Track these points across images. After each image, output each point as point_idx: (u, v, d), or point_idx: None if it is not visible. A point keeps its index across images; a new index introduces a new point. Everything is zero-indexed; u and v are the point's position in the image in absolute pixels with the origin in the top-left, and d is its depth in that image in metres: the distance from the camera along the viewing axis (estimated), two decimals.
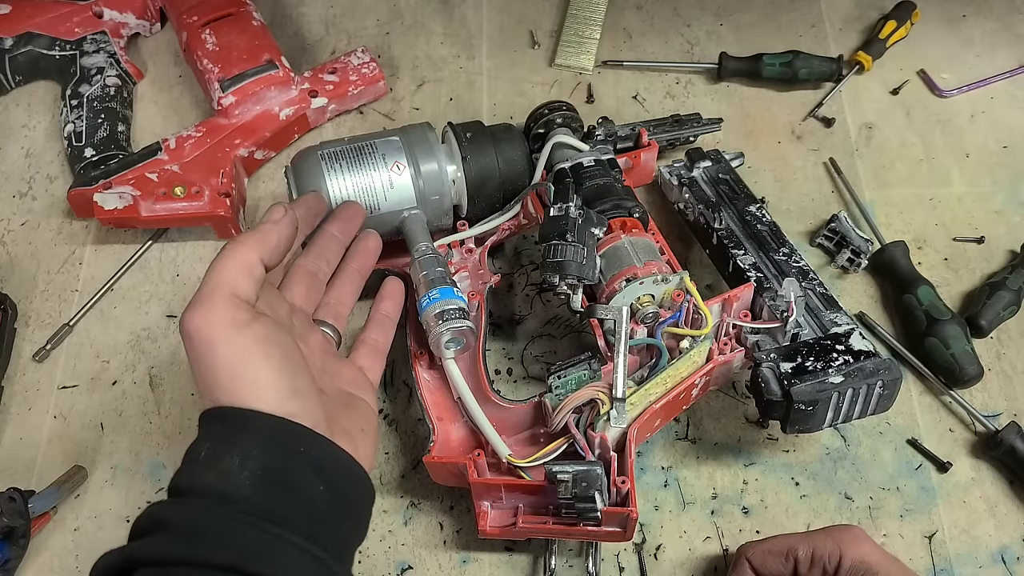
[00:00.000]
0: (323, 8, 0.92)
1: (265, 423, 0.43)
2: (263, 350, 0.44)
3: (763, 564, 0.58)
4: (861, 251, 0.73)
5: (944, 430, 0.69)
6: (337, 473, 0.45)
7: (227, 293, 0.45)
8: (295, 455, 0.43)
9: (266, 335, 0.45)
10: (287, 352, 0.46)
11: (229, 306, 0.45)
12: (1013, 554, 0.64)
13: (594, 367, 0.61)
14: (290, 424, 0.44)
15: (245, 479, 0.42)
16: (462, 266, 0.69)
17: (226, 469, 0.42)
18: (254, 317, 0.45)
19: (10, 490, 0.61)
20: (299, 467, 0.43)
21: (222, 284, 0.45)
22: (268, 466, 0.42)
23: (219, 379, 0.44)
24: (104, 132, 0.79)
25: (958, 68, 0.87)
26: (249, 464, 0.42)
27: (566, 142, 0.71)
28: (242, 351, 0.44)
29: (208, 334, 0.44)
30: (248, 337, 0.44)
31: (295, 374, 0.45)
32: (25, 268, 0.77)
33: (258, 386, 0.44)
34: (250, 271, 0.47)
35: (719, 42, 0.89)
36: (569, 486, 0.55)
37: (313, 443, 0.45)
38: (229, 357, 0.44)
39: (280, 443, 0.43)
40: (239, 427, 0.43)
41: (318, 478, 0.44)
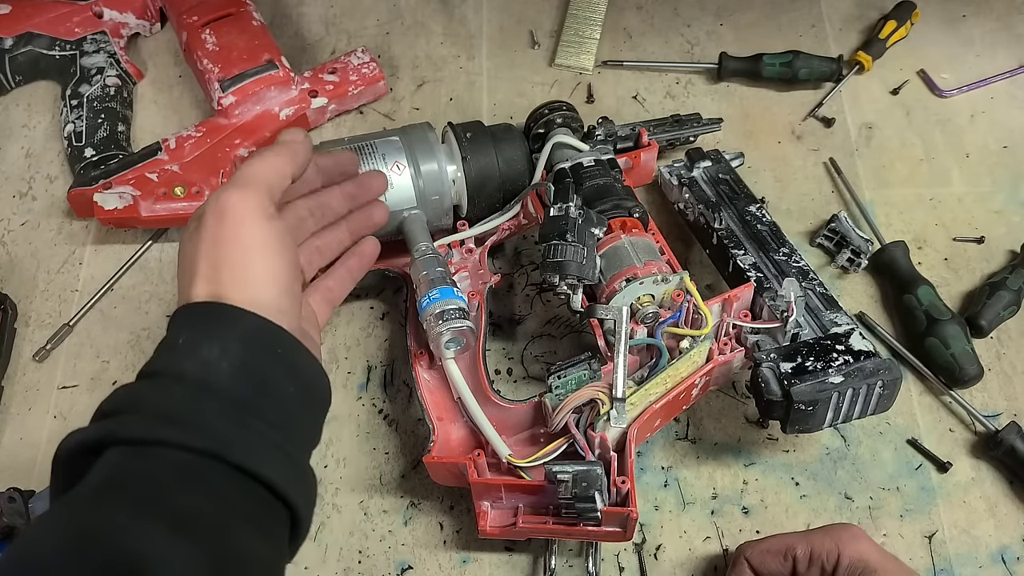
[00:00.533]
0: (323, 8, 0.92)
1: (247, 319, 0.45)
2: (280, 244, 0.47)
3: (762, 563, 0.58)
4: (861, 251, 0.73)
5: (944, 430, 0.69)
6: (307, 377, 0.47)
7: (263, 185, 0.48)
8: (272, 354, 0.45)
9: (283, 233, 0.48)
10: (294, 256, 0.49)
11: (264, 196, 0.48)
12: (1013, 554, 0.64)
13: (594, 367, 0.61)
14: (272, 325, 0.46)
15: (224, 369, 0.43)
16: (462, 266, 0.69)
17: (205, 358, 0.43)
18: (277, 215, 0.48)
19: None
20: (274, 366, 0.45)
21: (260, 177, 0.48)
22: (246, 361, 0.44)
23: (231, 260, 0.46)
24: (104, 132, 0.79)
25: (958, 68, 0.87)
26: (228, 356, 0.43)
27: (566, 142, 0.71)
28: (264, 237, 0.47)
29: (241, 213, 0.46)
30: (273, 228, 0.47)
31: (294, 277, 0.48)
32: (25, 268, 0.77)
33: (266, 274, 0.46)
34: (281, 177, 0.50)
35: (719, 42, 0.89)
36: (569, 486, 0.55)
37: (291, 346, 0.46)
38: (251, 239, 0.46)
39: (259, 341, 0.45)
40: (219, 320, 0.45)
41: (289, 379, 0.46)
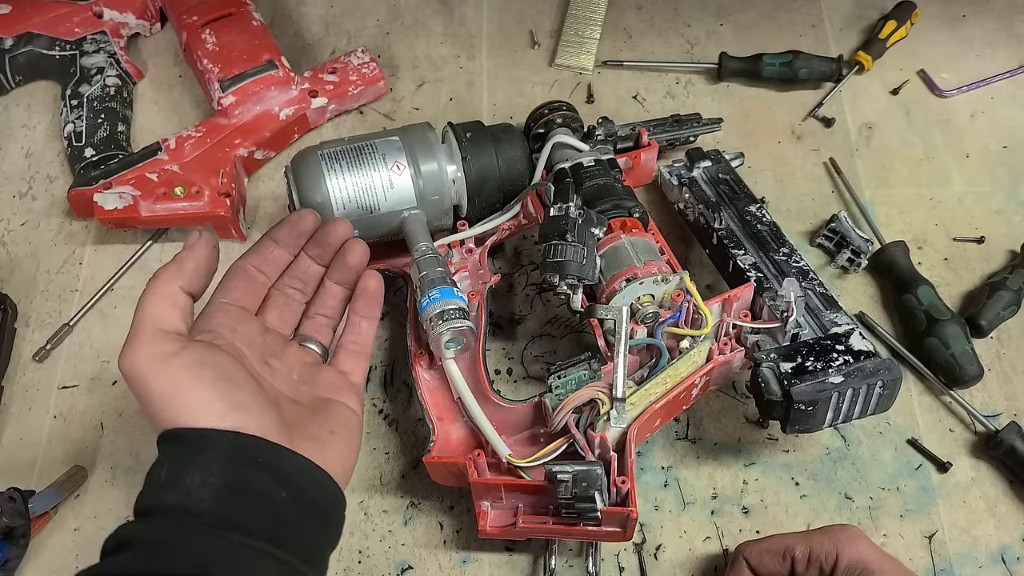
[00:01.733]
0: (323, 8, 0.92)
1: (219, 438, 0.45)
2: (194, 374, 0.46)
3: (760, 563, 0.58)
4: (861, 251, 0.73)
5: (944, 430, 0.69)
6: (299, 478, 0.47)
7: (151, 329, 0.48)
8: (252, 465, 0.45)
9: (196, 360, 0.47)
10: (222, 372, 0.48)
11: (155, 340, 0.47)
12: (1013, 554, 0.64)
13: (594, 367, 0.61)
14: (244, 437, 0.45)
15: (205, 494, 0.43)
16: (462, 266, 0.69)
17: (186, 487, 0.44)
18: (183, 346, 0.48)
19: (10, 490, 0.62)
20: (258, 476, 0.45)
21: (145, 321, 0.48)
22: (228, 478, 0.44)
23: (158, 409, 0.46)
24: (104, 132, 0.79)
25: (958, 68, 0.87)
26: (209, 479, 0.44)
27: (566, 142, 0.71)
28: (173, 379, 0.46)
29: (139, 371, 0.46)
30: (176, 366, 0.46)
31: (232, 391, 0.47)
32: (25, 268, 0.77)
33: (194, 408, 0.46)
34: (173, 302, 0.49)
35: (719, 42, 0.89)
36: (569, 486, 0.55)
37: (269, 452, 0.46)
38: (161, 388, 0.46)
39: (236, 455, 0.45)
40: (195, 445, 0.45)
41: (279, 485, 0.45)
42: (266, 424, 0.47)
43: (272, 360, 0.54)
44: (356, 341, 0.59)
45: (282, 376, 0.54)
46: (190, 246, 0.51)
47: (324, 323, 0.59)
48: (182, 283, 0.50)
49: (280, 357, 0.55)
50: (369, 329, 0.59)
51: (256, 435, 0.46)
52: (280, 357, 0.55)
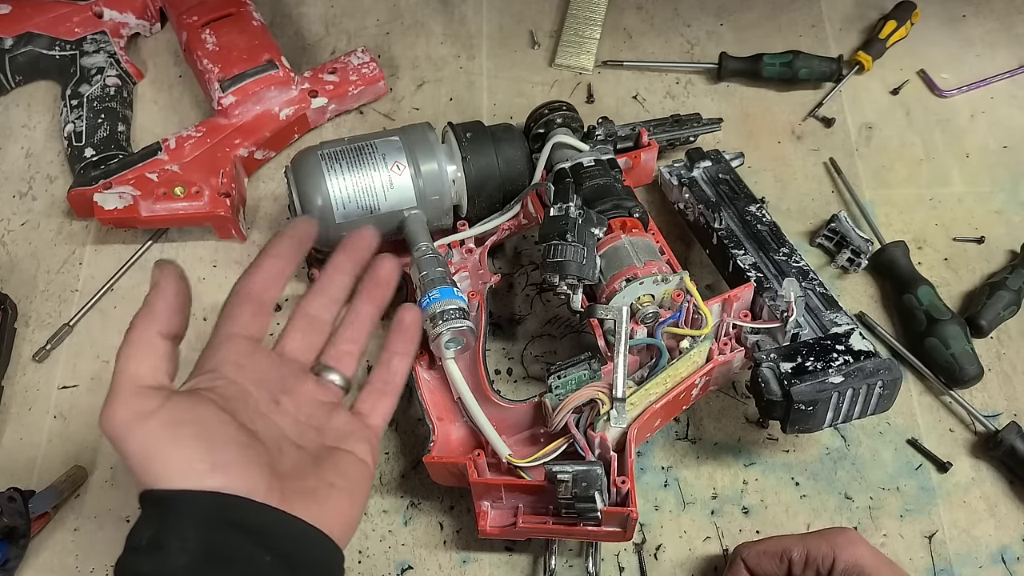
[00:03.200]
0: (323, 8, 0.92)
1: (197, 501, 0.42)
2: (172, 433, 0.43)
3: (758, 565, 0.58)
4: (861, 251, 0.73)
5: (944, 430, 0.69)
6: (288, 540, 0.44)
7: (129, 387, 0.44)
8: (232, 528, 0.42)
9: (176, 416, 0.44)
10: (204, 427, 0.44)
11: (133, 399, 0.44)
12: (1013, 554, 0.64)
13: (594, 367, 0.61)
14: (226, 498, 0.43)
15: (182, 561, 0.41)
16: (462, 266, 0.69)
17: (163, 555, 0.41)
18: (162, 402, 0.44)
19: (10, 490, 0.62)
20: (238, 540, 0.42)
21: (123, 377, 0.45)
22: (205, 544, 0.41)
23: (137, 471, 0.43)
24: (104, 132, 0.79)
25: (958, 68, 0.87)
26: (188, 545, 0.41)
27: (566, 142, 0.71)
28: (150, 440, 0.43)
29: (116, 432, 0.44)
30: (154, 425, 0.43)
31: (214, 448, 0.44)
32: (25, 268, 0.77)
33: (171, 470, 0.43)
34: (152, 351, 0.46)
35: (719, 42, 0.89)
36: (569, 486, 0.55)
37: (253, 513, 0.43)
38: (137, 449, 0.43)
39: (214, 519, 0.42)
40: (173, 508, 0.42)
41: (262, 550, 0.43)
42: (253, 482, 0.44)
43: (283, 397, 0.49)
44: (385, 379, 0.53)
45: (289, 417, 0.49)
46: (155, 284, 0.47)
47: (350, 350, 0.53)
48: (159, 328, 0.46)
49: (293, 393, 0.50)
50: (402, 367, 0.54)
51: (240, 495, 0.43)
52: (293, 393, 0.50)
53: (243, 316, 0.49)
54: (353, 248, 0.54)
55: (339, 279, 0.53)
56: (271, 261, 0.51)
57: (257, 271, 0.51)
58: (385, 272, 0.54)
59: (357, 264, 0.54)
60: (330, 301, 0.53)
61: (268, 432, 0.47)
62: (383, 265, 0.54)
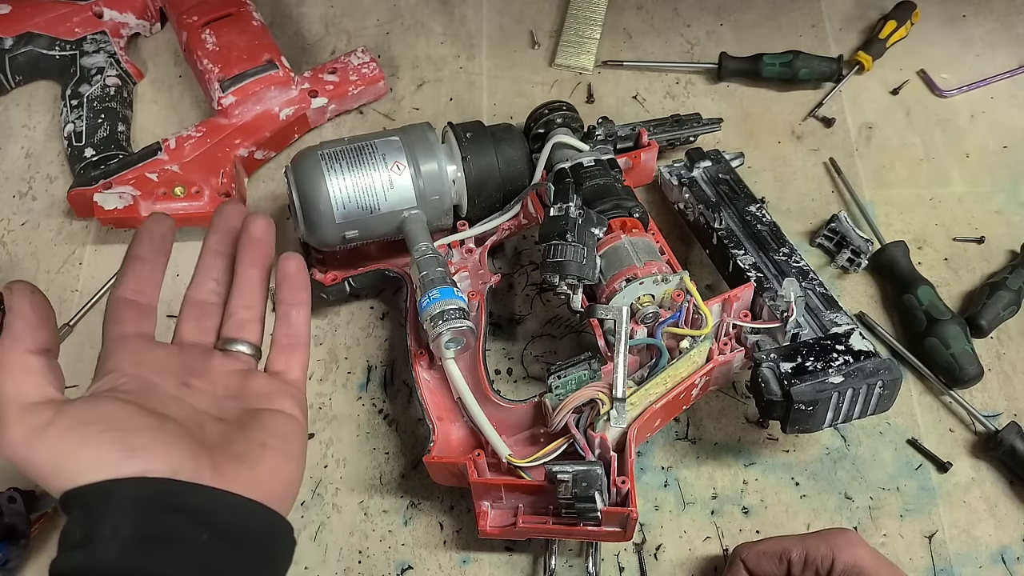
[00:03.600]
0: (323, 8, 0.92)
1: (123, 487, 0.41)
2: (76, 435, 0.43)
3: (757, 566, 0.58)
4: (861, 251, 0.73)
5: (944, 430, 0.69)
6: (223, 515, 0.43)
7: (16, 407, 0.44)
8: (163, 509, 0.42)
9: (75, 420, 0.43)
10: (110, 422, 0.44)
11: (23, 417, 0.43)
12: (1013, 554, 0.64)
13: (594, 367, 0.61)
14: (150, 481, 0.42)
15: (114, 550, 0.40)
16: (462, 266, 0.69)
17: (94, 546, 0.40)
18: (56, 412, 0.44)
19: (10, 490, 0.62)
20: (171, 520, 0.42)
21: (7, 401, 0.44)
22: (138, 529, 0.41)
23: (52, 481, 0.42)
24: (104, 132, 0.79)
25: (958, 68, 0.87)
26: (119, 532, 0.40)
27: (566, 142, 0.71)
28: (54, 448, 0.42)
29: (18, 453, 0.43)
30: (54, 434, 0.43)
31: (125, 437, 0.43)
32: (25, 268, 0.77)
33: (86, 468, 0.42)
34: (26, 370, 0.45)
35: (719, 42, 0.89)
36: (569, 486, 0.55)
37: (181, 492, 0.42)
38: (44, 460, 0.42)
39: (143, 502, 0.41)
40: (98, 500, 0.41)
41: (197, 527, 0.42)
42: (175, 460, 0.43)
43: (193, 380, 0.49)
44: (288, 334, 0.53)
45: (204, 395, 0.49)
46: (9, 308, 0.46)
47: (248, 317, 0.53)
48: (25, 346, 0.45)
49: (202, 374, 0.50)
50: (300, 318, 0.53)
51: (164, 476, 0.42)
52: (202, 374, 0.50)
53: (128, 319, 0.50)
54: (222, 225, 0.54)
55: (217, 261, 0.54)
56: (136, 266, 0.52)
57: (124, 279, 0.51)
58: (259, 231, 0.53)
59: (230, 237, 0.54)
60: (215, 283, 0.53)
61: (183, 412, 0.47)
62: (255, 224, 0.53)
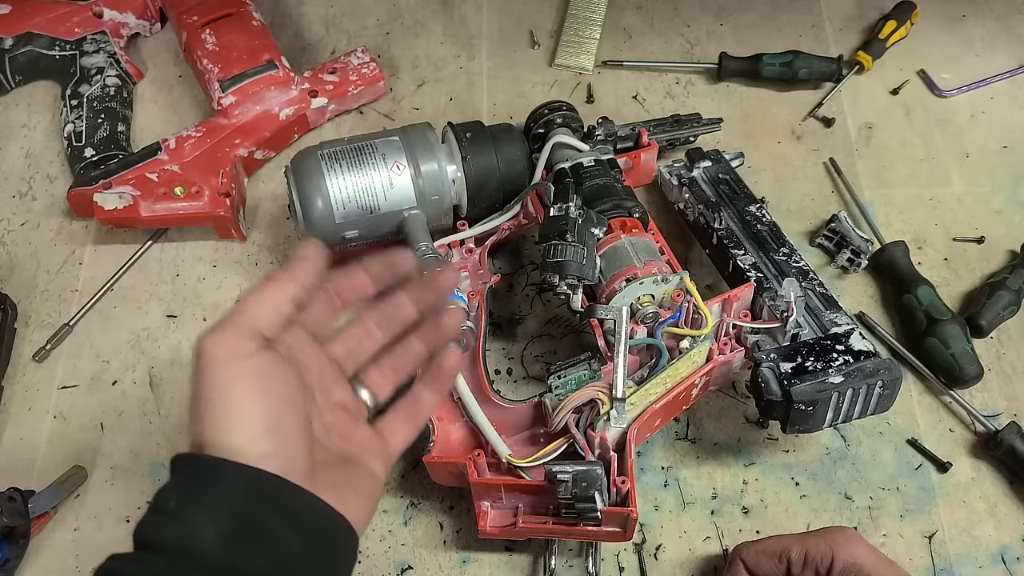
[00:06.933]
0: (323, 8, 0.92)
1: (238, 473, 0.42)
2: (252, 383, 0.43)
3: (757, 565, 0.58)
4: (861, 251, 0.73)
5: (944, 430, 0.69)
6: (317, 526, 0.44)
7: (243, 323, 0.44)
8: (268, 506, 0.42)
9: (264, 370, 0.44)
10: (281, 391, 0.44)
11: (240, 335, 0.44)
12: (1013, 554, 0.64)
13: (594, 367, 0.61)
14: (266, 475, 0.42)
15: (210, 533, 0.40)
16: (462, 266, 0.69)
17: (191, 522, 0.40)
18: (259, 350, 0.44)
19: (10, 490, 0.62)
20: (272, 519, 0.42)
21: (243, 314, 0.45)
22: (237, 519, 0.41)
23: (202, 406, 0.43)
24: (104, 132, 0.79)
25: (958, 68, 0.87)
26: (218, 518, 0.40)
27: (566, 142, 0.71)
28: (232, 380, 0.43)
29: (210, 356, 0.43)
30: (243, 367, 0.43)
31: (280, 415, 0.44)
32: (25, 268, 0.77)
33: (234, 418, 0.43)
34: (276, 307, 0.46)
35: (719, 42, 0.89)
36: (569, 486, 0.55)
37: (289, 494, 0.43)
38: (217, 382, 0.43)
39: (252, 494, 0.42)
40: (211, 477, 0.42)
41: (293, 531, 0.42)
42: (295, 461, 0.44)
43: (318, 395, 0.49)
44: (412, 410, 0.53)
45: (323, 417, 0.49)
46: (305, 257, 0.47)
47: (388, 378, 0.53)
48: (293, 292, 0.46)
49: (326, 393, 0.50)
50: (430, 403, 0.54)
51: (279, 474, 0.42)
52: (326, 393, 0.50)
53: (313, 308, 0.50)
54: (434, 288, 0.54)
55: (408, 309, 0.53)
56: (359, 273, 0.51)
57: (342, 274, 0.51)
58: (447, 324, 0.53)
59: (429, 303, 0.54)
60: (391, 323, 0.53)
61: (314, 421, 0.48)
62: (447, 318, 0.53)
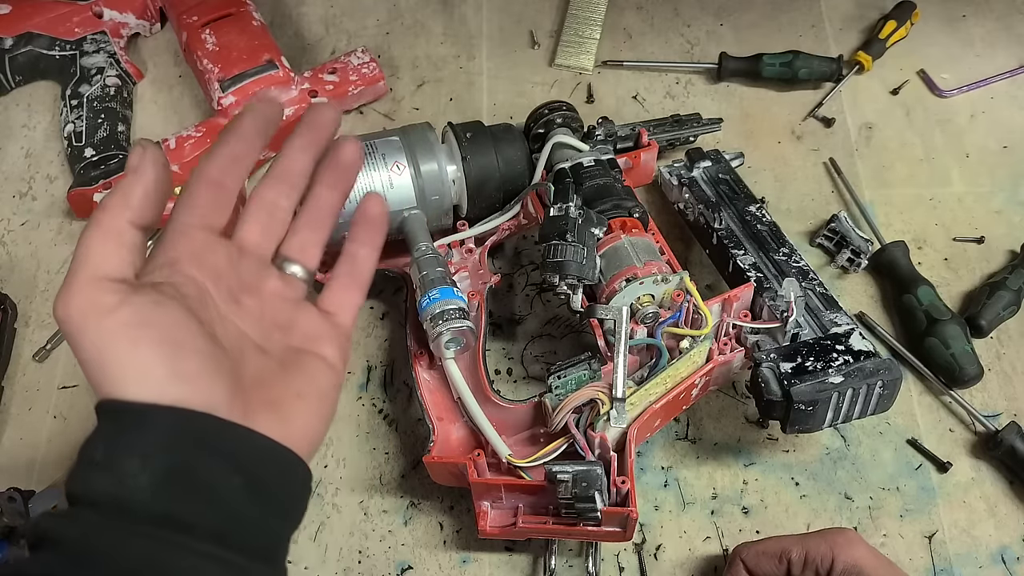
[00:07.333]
0: (323, 8, 0.92)
1: (162, 417, 0.39)
2: (131, 335, 0.39)
3: (757, 565, 0.58)
4: (861, 251, 0.73)
5: (944, 430, 0.69)
6: (257, 463, 0.40)
7: (90, 275, 0.40)
8: (201, 449, 0.39)
9: (137, 317, 0.40)
10: (169, 331, 0.40)
11: (92, 290, 0.40)
12: (1013, 554, 0.64)
13: (594, 367, 0.61)
14: (191, 413, 0.39)
15: (144, 483, 0.38)
16: (462, 266, 0.69)
17: (124, 472, 0.38)
18: (124, 298, 0.40)
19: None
20: (207, 461, 0.39)
21: (84, 265, 0.40)
22: (170, 465, 0.38)
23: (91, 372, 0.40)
24: (104, 132, 0.79)
25: (958, 68, 0.87)
26: (149, 465, 0.38)
27: (566, 142, 0.71)
28: (107, 339, 0.39)
29: (72, 323, 0.39)
30: (113, 323, 0.39)
31: (178, 355, 0.40)
32: (25, 268, 0.77)
33: (128, 376, 0.39)
34: (118, 240, 0.41)
35: (719, 42, 0.89)
36: (569, 486, 0.55)
37: (221, 432, 0.40)
38: (93, 347, 0.39)
39: (181, 436, 0.39)
40: (133, 422, 0.39)
41: (230, 472, 0.39)
42: (217, 395, 0.40)
43: (244, 296, 0.45)
44: (351, 272, 0.49)
45: (252, 317, 0.45)
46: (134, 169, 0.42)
47: (312, 240, 0.48)
48: (131, 216, 0.41)
49: (255, 292, 0.46)
50: (368, 260, 0.49)
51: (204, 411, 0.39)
52: (255, 292, 0.46)
53: (201, 204, 0.45)
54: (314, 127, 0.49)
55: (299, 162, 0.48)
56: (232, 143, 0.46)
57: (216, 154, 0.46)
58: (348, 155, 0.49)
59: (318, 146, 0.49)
60: (289, 188, 0.48)
61: (229, 336, 0.43)
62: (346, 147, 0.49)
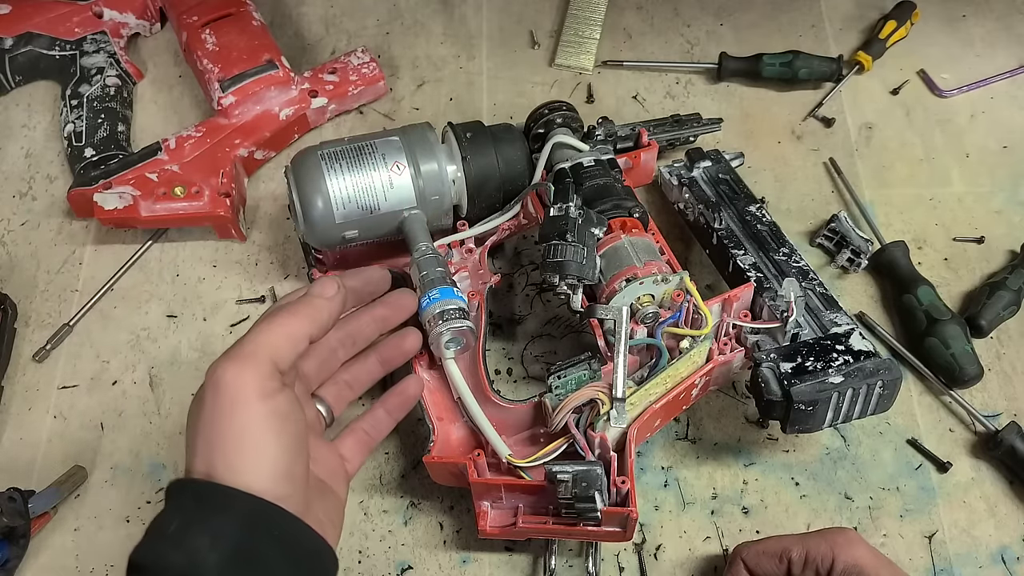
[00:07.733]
0: (323, 8, 0.92)
1: (244, 503, 0.42)
2: (277, 426, 0.44)
3: (757, 565, 0.58)
4: (861, 251, 0.73)
5: (944, 430, 0.69)
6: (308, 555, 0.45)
7: (266, 357, 0.45)
8: (268, 535, 0.43)
9: (285, 411, 0.45)
10: (297, 433, 0.45)
11: (264, 371, 0.44)
12: (1013, 554, 0.64)
13: (594, 367, 0.61)
14: (268, 507, 0.43)
15: (212, 562, 0.40)
16: (462, 266, 0.69)
17: (195, 548, 0.40)
18: (280, 389, 0.45)
19: (10, 490, 0.62)
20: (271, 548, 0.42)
21: (265, 347, 0.45)
22: (239, 547, 0.41)
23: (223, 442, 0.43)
24: (104, 132, 0.79)
25: (958, 68, 0.87)
26: (219, 543, 0.41)
27: (566, 142, 0.71)
28: (258, 421, 0.43)
29: (235, 392, 0.43)
30: (268, 408, 0.44)
31: (296, 458, 0.45)
32: (25, 268, 0.77)
33: (259, 461, 0.43)
34: (295, 344, 0.47)
35: (719, 42, 0.89)
36: (569, 486, 0.55)
37: (285, 522, 0.44)
38: (244, 422, 0.43)
39: (256, 524, 0.42)
40: (215, 504, 0.42)
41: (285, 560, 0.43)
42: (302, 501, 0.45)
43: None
44: (369, 430, 0.56)
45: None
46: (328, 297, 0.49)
47: (346, 395, 0.56)
48: (312, 331, 0.47)
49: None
50: (387, 424, 0.57)
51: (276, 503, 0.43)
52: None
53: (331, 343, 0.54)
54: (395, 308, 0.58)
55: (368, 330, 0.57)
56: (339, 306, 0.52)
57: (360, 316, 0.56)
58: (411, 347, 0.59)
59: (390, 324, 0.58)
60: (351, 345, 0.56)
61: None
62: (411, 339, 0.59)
